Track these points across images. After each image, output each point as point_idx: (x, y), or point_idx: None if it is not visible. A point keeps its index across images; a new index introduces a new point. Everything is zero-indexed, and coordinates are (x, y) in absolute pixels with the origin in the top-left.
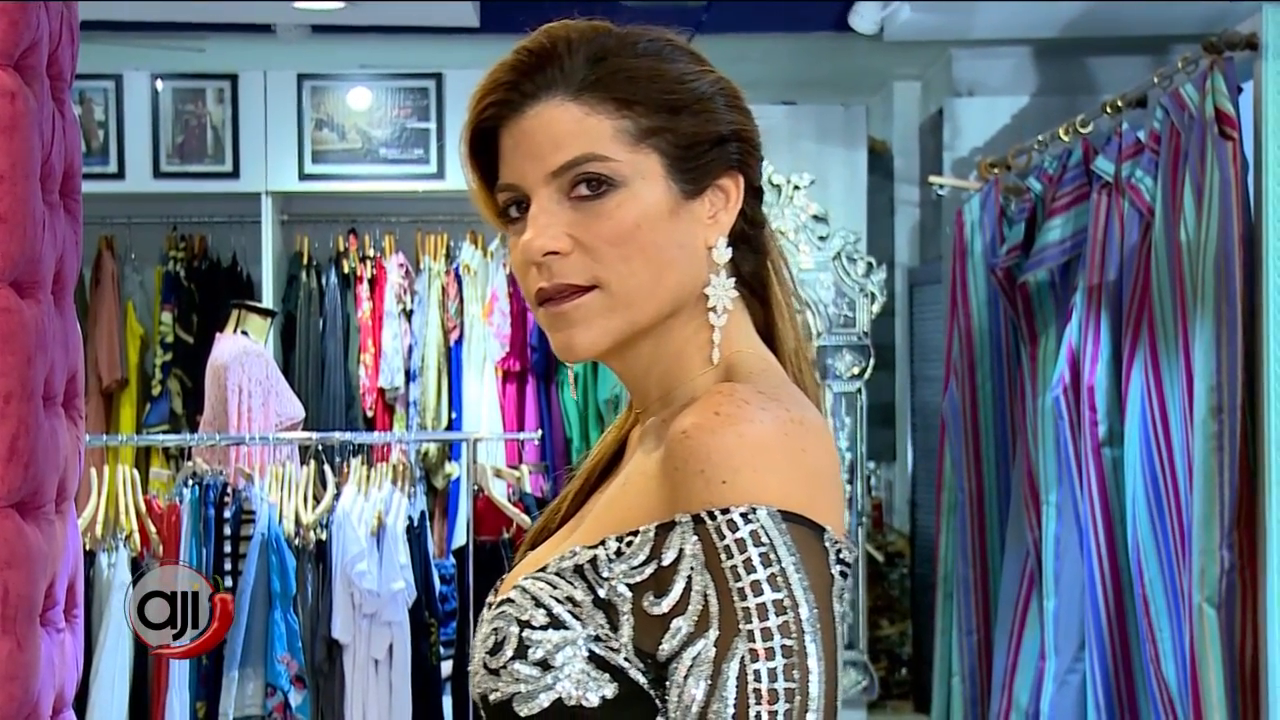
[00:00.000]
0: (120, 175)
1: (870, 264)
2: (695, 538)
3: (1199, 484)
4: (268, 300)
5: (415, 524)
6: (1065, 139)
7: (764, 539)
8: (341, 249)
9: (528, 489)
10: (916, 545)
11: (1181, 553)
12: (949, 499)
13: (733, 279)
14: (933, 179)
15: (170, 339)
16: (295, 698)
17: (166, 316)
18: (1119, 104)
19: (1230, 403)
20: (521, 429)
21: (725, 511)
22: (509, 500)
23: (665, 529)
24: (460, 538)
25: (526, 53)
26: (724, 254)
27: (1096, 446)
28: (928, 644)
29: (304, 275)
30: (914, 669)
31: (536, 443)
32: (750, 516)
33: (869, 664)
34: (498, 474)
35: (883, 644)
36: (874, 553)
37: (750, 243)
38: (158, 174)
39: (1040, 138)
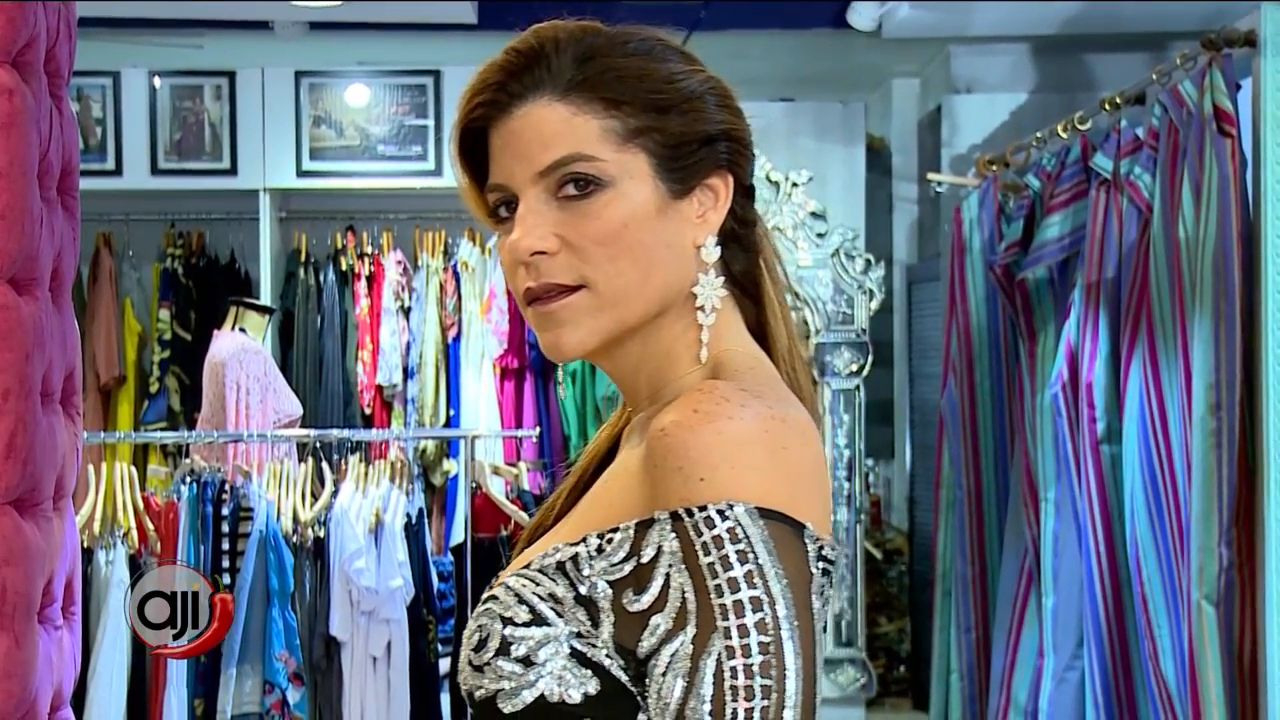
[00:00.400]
0: (118, 172)
1: (869, 261)
2: (673, 535)
3: (1197, 481)
4: (266, 297)
5: (413, 521)
6: (1064, 136)
7: (740, 536)
8: (339, 246)
9: (526, 486)
10: (915, 542)
11: (1180, 550)
12: (947, 496)
13: (722, 278)
14: (931, 176)
15: (168, 336)
16: (293, 695)
17: (164, 313)
18: (1118, 101)
19: (1229, 400)
20: (519, 426)
21: (702, 508)
22: (507, 497)
23: (644, 526)
24: (458, 535)
25: (515, 53)
26: (713, 253)
27: (1095, 443)
28: (926, 641)
29: (302, 272)
30: (912, 666)
31: (534, 440)
32: (727, 513)
33: (867, 661)
34: (496, 471)
35: (881, 641)
36: (872, 550)
37: (741, 241)
38: (155, 171)
39: (1039, 134)
